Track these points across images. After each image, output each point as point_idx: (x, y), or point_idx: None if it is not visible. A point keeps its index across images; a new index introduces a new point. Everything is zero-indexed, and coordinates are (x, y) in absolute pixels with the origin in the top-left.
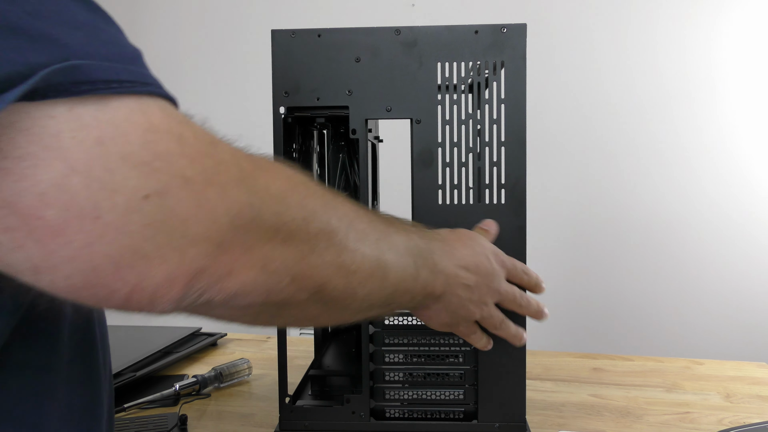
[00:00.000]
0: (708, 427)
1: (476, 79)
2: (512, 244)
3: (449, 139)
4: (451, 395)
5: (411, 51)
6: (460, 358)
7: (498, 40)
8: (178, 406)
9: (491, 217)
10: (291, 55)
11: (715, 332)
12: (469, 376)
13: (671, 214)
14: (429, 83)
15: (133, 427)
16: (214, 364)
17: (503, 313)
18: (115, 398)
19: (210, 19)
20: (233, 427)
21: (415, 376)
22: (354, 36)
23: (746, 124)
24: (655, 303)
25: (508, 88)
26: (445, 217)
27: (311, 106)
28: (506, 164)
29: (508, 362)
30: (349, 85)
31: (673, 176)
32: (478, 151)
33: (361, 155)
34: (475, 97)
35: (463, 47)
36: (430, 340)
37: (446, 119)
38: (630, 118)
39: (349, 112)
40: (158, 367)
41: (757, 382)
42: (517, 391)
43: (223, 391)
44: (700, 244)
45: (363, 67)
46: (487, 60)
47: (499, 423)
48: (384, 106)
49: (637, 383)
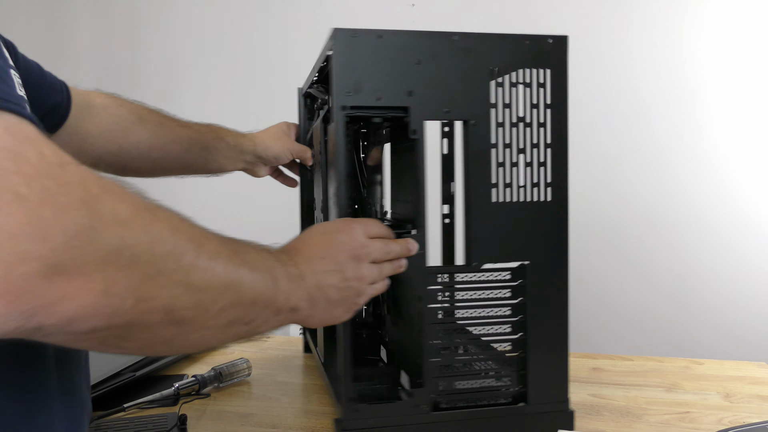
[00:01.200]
0: (708, 426)
1: (525, 84)
2: (557, 238)
3: (501, 140)
4: (500, 380)
5: (467, 56)
6: (507, 345)
7: (544, 50)
8: (178, 406)
9: (538, 213)
10: (352, 54)
11: (715, 332)
12: (519, 361)
13: (671, 214)
14: (483, 87)
15: (132, 427)
16: (214, 364)
17: None
18: (113, 399)
19: (212, 16)
20: (233, 427)
21: (468, 366)
22: (414, 39)
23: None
24: (655, 303)
25: (553, 93)
26: (498, 214)
27: (372, 106)
28: (552, 164)
29: (552, 342)
30: (410, 86)
31: (675, 175)
32: (527, 151)
33: (418, 155)
34: (524, 102)
35: (513, 55)
36: (478, 330)
37: (499, 122)
38: (630, 119)
39: (410, 112)
40: (158, 367)
41: (757, 381)
42: (560, 371)
43: (223, 391)
44: (701, 244)
45: (423, 70)
46: (534, 67)
47: (545, 403)
48: (442, 108)
49: (637, 383)
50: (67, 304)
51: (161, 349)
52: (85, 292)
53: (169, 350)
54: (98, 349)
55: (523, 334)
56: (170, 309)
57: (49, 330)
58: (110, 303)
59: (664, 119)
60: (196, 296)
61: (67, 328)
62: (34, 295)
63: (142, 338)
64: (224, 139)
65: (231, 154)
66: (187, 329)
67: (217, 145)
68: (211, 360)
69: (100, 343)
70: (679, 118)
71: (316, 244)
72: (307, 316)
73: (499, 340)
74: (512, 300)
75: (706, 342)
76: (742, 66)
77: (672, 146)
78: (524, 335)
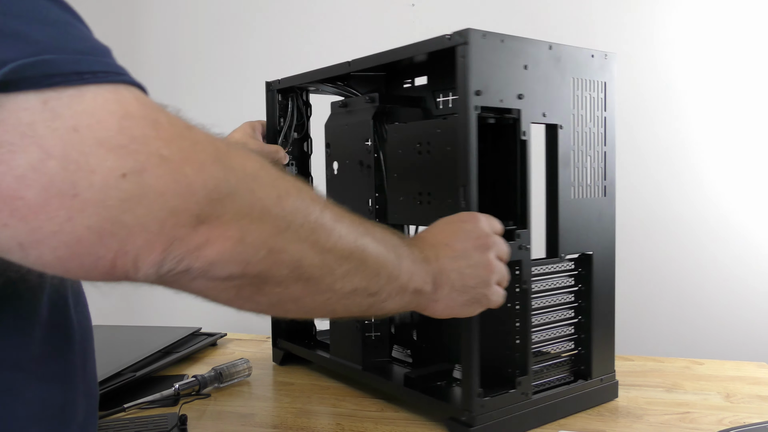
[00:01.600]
0: (708, 427)
1: (592, 93)
2: (610, 230)
3: (578, 144)
4: (570, 361)
5: (557, 65)
6: (571, 329)
7: (604, 64)
8: (178, 406)
9: (598, 209)
10: (482, 56)
11: (715, 332)
12: (584, 341)
13: (671, 214)
14: (568, 94)
15: (132, 427)
16: (214, 364)
17: None
18: (113, 399)
19: (212, 16)
20: (233, 427)
21: (551, 351)
22: (523, 45)
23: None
24: (655, 303)
25: (608, 103)
26: (576, 209)
27: (495, 107)
28: (606, 166)
29: (607, 323)
30: (520, 89)
31: (675, 175)
32: (592, 154)
33: (526, 157)
34: (591, 110)
35: (584, 66)
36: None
37: (576, 128)
38: (630, 119)
39: (521, 115)
40: (158, 367)
41: (758, 382)
42: (610, 347)
43: (223, 391)
44: (701, 243)
45: (529, 75)
46: (597, 79)
47: (602, 377)
48: (541, 111)
49: (638, 383)
50: (209, 248)
51: (291, 308)
52: (224, 239)
53: (298, 310)
54: (235, 302)
55: (587, 318)
56: (298, 264)
57: (194, 274)
58: (245, 251)
59: (665, 119)
60: (322, 256)
61: (209, 272)
62: (182, 242)
63: (274, 292)
64: None
65: None
66: (314, 288)
67: None
68: (211, 360)
69: (236, 293)
70: (682, 118)
71: (440, 232)
72: (431, 301)
73: (569, 324)
74: (574, 287)
75: (707, 342)
76: (718, 62)
77: (670, 145)
78: (588, 319)
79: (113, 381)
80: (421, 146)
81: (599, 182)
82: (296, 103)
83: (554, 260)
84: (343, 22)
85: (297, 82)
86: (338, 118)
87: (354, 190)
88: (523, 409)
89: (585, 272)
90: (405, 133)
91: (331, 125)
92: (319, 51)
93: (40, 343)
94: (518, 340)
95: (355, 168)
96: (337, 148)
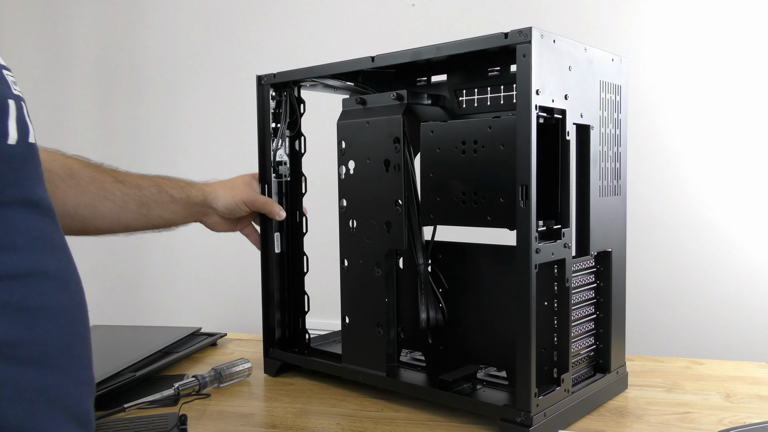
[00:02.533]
0: (708, 427)
1: (612, 96)
2: (621, 227)
3: (602, 144)
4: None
5: (590, 67)
6: (592, 324)
7: (621, 68)
8: (178, 406)
9: (615, 207)
10: (540, 55)
11: (715, 332)
12: (604, 336)
13: (670, 213)
14: (596, 96)
15: (133, 427)
16: (214, 364)
17: None
18: (113, 399)
19: (213, 15)
20: (233, 427)
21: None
22: (568, 46)
23: None
24: (655, 303)
25: (623, 105)
26: (601, 208)
27: (548, 107)
28: (621, 166)
29: (621, 318)
30: (566, 90)
31: (675, 175)
32: (613, 155)
33: (568, 157)
34: (612, 111)
35: (608, 69)
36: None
37: (601, 129)
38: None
39: (566, 115)
40: (158, 367)
41: (758, 382)
42: (622, 340)
43: (223, 391)
44: (701, 243)
45: (571, 76)
46: (616, 82)
47: (618, 369)
48: (579, 112)
49: (638, 383)
50: None
51: None
52: None
53: None
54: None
55: (606, 313)
56: None
57: None
58: None
59: (668, 118)
60: None
61: None
62: None
63: None
64: (167, 192)
65: (176, 208)
66: None
67: (158, 199)
68: (211, 360)
69: None
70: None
71: None
72: None
73: (590, 320)
74: (594, 284)
75: (707, 342)
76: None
77: (674, 146)
78: (608, 314)
79: (113, 381)
80: (466, 145)
81: (615, 182)
82: (290, 99)
83: (586, 257)
84: (343, 22)
85: (300, 76)
86: (354, 115)
87: (377, 191)
88: (566, 406)
89: (604, 269)
90: (446, 131)
91: (346, 123)
92: (320, 51)
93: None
94: (559, 338)
95: (378, 168)
96: (354, 147)
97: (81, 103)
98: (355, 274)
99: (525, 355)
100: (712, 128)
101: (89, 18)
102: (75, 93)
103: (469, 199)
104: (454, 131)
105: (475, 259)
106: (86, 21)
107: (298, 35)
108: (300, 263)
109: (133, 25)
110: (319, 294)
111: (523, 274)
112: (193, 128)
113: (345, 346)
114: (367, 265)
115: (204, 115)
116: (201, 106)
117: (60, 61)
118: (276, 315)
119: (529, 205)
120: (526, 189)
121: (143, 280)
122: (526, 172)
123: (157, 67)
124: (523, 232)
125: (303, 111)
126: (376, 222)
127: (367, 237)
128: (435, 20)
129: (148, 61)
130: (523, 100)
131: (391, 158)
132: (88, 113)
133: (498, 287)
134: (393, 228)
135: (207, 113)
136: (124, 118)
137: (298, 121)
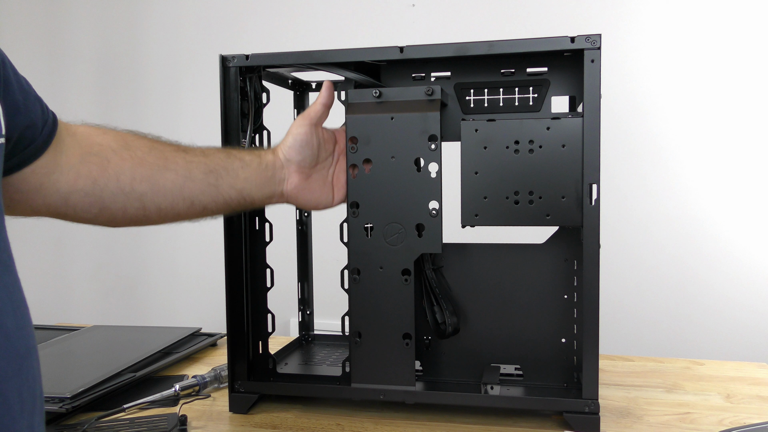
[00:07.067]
0: (708, 427)
1: None
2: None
3: None
4: None
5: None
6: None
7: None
8: (178, 406)
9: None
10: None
11: (715, 332)
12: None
13: (671, 213)
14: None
15: (132, 427)
16: (214, 365)
17: None
18: (113, 399)
19: (214, 14)
20: (233, 427)
21: None
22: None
23: None
24: (655, 303)
25: None
26: None
27: None
28: None
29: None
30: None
31: (675, 174)
32: None
33: None
34: None
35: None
36: None
37: None
38: (629, 119)
39: None
40: (158, 368)
41: (758, 382)
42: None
43: (223, 391)
44: (701, 244)
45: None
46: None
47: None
48: None
49: (637, 383)
50: None
51: None
52: None
53: None
54: None
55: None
56: None
57: None
58: None
59: (669, 117)
60: None
61: None
62: None
63: None
64: (237, 156)
65: (248, 174)
66: None
67: (227, 165)
68: (211, 360)
69: None
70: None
71: None
72: None
73: None
74: None
75: (707, 342)
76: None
77: (669, 145)
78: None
79: (113, 381)
80: (520, 144)
81: None
82: (254, 86)
83: None
84: (344, 22)
85: (289, 60)
86: (369, 109)
87: (405, 192)
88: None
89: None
90: (494, 130)
91: (359, 118)
92: None
93: None
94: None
95: (405, 167)
96: (371, 144)
97: (81, 102)
98: (373, 283)
99: (591, 345)
100: (712, 128)
101: (89, 18)
102: (75, 93)
103: (523, 198)
104: (505, 130)
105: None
106: (86, 21)
107: (298, 35)
108: (262, 277)
109: (133, 25)
110: None
111: (591, 271)
112: (193, 128)
113: (356, 364)
114: (390, 272)
115: (204, 115)
116: (201, 106)
117: (60, 61)
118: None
119: (598, 203)
120: (593, 188)
121: (143, 281)
122: (594, 172)
123: (157, 67)
124: (591, 229)
125: (267, 101)
126: (402, 225)
127: (391, 242)
128: (435, 20)
129: (148, 61)
130: (592, 103)
131: (425, 156)
132: (88, 113)
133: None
134: (427, 231)
135: (207, 113)
136: (124, 117)
137: (260, 113)
